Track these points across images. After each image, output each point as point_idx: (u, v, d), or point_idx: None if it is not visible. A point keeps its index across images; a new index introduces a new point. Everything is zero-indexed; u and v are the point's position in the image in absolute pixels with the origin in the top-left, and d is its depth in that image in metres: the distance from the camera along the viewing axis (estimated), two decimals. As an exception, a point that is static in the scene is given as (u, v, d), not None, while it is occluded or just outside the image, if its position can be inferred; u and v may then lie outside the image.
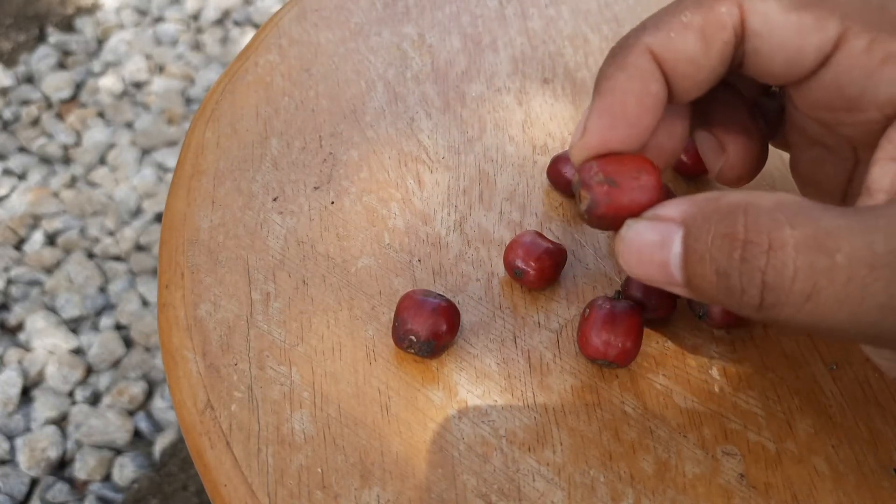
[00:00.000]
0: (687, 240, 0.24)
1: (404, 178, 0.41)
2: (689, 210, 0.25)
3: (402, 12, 0.49)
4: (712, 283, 0.24)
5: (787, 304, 0.23)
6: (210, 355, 0.34)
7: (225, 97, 0.45)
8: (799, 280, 0.22)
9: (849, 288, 0.22)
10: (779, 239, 0.22)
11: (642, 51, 0.27)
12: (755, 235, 0.22)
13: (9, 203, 1.27)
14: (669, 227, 0.25)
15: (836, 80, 0.27)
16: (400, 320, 0.33)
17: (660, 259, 0.25)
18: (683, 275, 0.25)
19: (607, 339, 0.32)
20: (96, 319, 1.14)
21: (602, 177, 0.27)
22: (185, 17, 1.56)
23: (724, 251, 0.23)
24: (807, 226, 0.22)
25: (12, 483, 0.99)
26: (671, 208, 0.25)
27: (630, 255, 0.26)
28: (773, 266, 0.22)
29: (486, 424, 0.32)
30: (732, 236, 0.23)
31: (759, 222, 0.23)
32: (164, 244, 0.39)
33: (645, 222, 0.26)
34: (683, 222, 0.24)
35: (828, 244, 0.22)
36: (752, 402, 0.33)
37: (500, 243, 0.38)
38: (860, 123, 0.27)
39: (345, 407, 0.33)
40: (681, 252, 0.24)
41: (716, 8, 0.27)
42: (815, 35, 0.26)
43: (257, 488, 0.31)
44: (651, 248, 0.25)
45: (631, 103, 0.27)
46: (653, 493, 0.31)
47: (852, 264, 0.22)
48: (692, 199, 0.25)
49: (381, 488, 0.31)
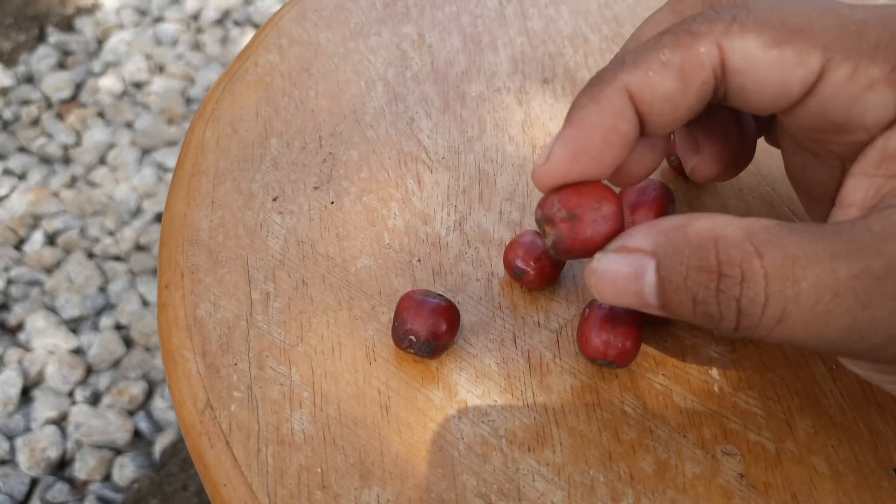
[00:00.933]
0: (660, 271, 0.25)
1: (404, 177, 0.41)
2: (659, 241, 0.25)
3: (401, 12, 0.49)
4: (689, 309, 0.25)
5: (760, 326, 0.24)
6: (210, 355, 0.34)
7: (225, 97, 0.45)
8: (770, 306, 0.23)
9: (815, 312, 0.23)
10: (750, 270, 0.23)
11: (618, 88, 0.27)
12: (728, 268, 0.24)
13: (9, 203, 1.27)
14: (641, 258, 0.26)
15: (822, 108, 0.27)
16: (400, 320, 0.33)
17: (634, 289, 0.26)
18: (660, 302, 0.26)
19: (607, 338, 0.32)
20: (96, 319, 1.14)
21: (564, 212, 0.28)
22: (185, 17, 1.56)
23: (700, 283, 0.24)
24: (775, 255, 0.23)
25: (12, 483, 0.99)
26: (639, 238, 0.26)
27: (603, 286, 0.27)
28: (746, 295, 0.23)
29: (485, 424, 0.32)
30: (707, 269, 0.24)
31: (731, 254, 0.24)
32: (164, 244, 0.39)
33: (614, 255, 0.27)
34: (654, 253, 0.25)
35: (795, 272, 0.23)
36: (752, 401, 0.33)
37: (500, 243, 0.38)
38: (848, 143, 0.27)
39: (344, 407, 0.33)
40: (655, 282, 0.25)
41: (694, 47, 0.27)
42: (797, 69, 0.26)
43: (257, 488, 0.31)
44: (625, 279, 0.26)
45: (597, 138, 0.28)
46: (652, 493, 0.31)
47: (817, 291, 0.23)
48: (657, 227, 0.26)
49: (380, 488, 0.31)
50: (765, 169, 0.40)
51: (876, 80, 0.26)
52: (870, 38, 0.26)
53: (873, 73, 0.26)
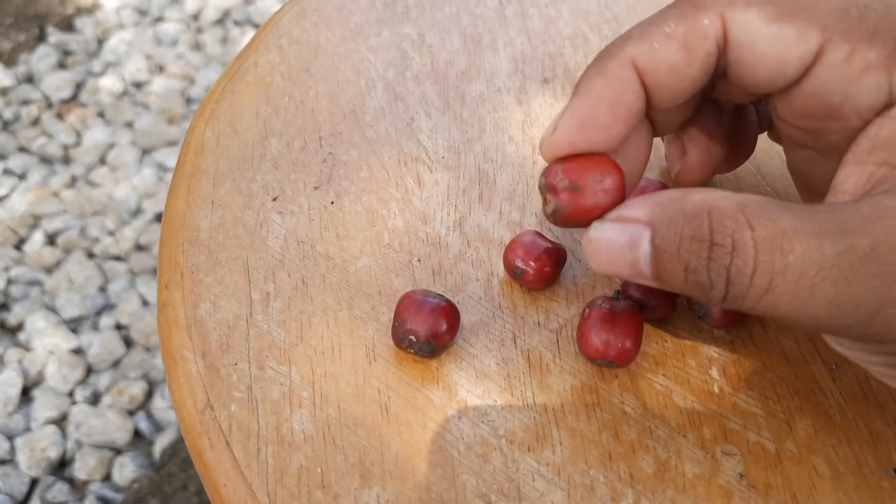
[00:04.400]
0: (655, 240, 0.25)
1: (404, 177, 0.41)
2: (655, 211, 0.26)
3: (401, 12, 0.49)
4: (681, 279, 0.25)
5: (747, 296, 0.24)
6: (210, 355, 0.34)
7: (225, 97, 0.45)
8: (758, 276, 0.24)
9: (800, 285, 0.23)
10: (741, 240, 0.24)
11: (624, 60, 0.28)
12: (720, 238, 0.24)
13: (9, 203, 1.27)
14: (637, 227, 0.26)
15: (818, 90, 0.27)
16: (399, 320, 0.33)
17: (629, 258, 0.26)
18: (653, 270, 0.26)
19: (607, 338, 0.32)
20: (96, 319, 1.14)
21: (567, 182, 0.28)
22: (185, 17, 1.56)
23: (692, 252, 0.25)
24: (765, 228, 0.24)
25: (12, 483, 0.99)
26: (636, 209, 0.26)
27: (598, 255, 0.27)
28: (736, 264, 0.24)
29: (485, 424, 0.32)
30: (700, 238, 0.24)
31: (724, 224, 0.24)
32: (164, 244, 0.39)
33: (611, 224, 0.27)
34: (650, 223, 0.26)
35: (783, 245, 0.23)
36: (752, 401, 0.33)
37: (500, 243, 0.38)
38: (843, 131, 0.28)
39: (344, 407, 0.33)
40: (650, 251, 0.26)
41: (699, 19, 0.28)
42: (796, 46, 0.27)
43: (257, 488, 0.31)
44: (620, 248, 0.26)
45: (603, 109, 0.28)
46: (652, 493, 0.31)
47: (804, 265, 0.23)
48: (655, 199, 0.26)
49: (380, 488, 0.31)
50: (764, 168, 0.40)
51: (872, 64, 0.26)
52: (870, 23, 0.26)
53: (870, 57, 0.26)
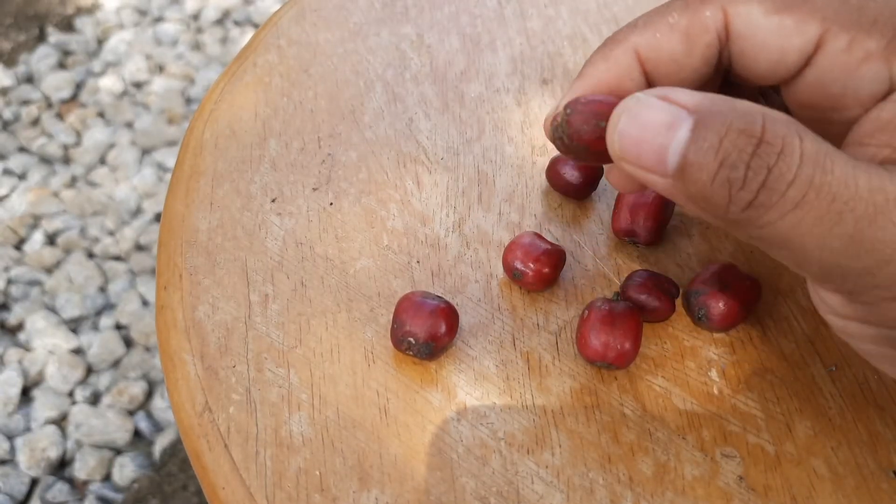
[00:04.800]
0: (697, 127, 0.24)
1: (403, 179, 0.41)
2: (704, 101, 0.24)
3: (400, 13, 0.49)
4: (710, 173, 0.24)
5: (775, 206, 0.23)
6: (208, 357, 0.34)
7: (223, 98, 0.45)
8: (794, 187, 0.23)
9: (831, 208, 0.23)
10: (790, 145, 0.23)
11: (627, 48, 0.29)
12: (772, 137, 0.23)
13: (9, 203, 1.26)
14: (680, 112, 0.24)
15: (820, 80, 0.28)
16: (398, 322, 0.33)
17: (661, 141, 0.25)
18: (680, 161, 0.24)
19: (606, 340, 0.32)
20: (96, 319, 1.14)
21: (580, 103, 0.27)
22: (185, 17, 1.56)
23: (738, 144, 0.23)
24: (814, 143, 0.23)
25: (12, 483, 0.99)
26: (683, 95, 0.25)
27: (630, 130, 0.25)
28: (779, 167, 0.23)
29: (484, 427, 0.32)
30: (750, 132, 0.23)
31: (776, 127, 0.23)
32: (163, 246, 0.39)
33: (655, 100, 0.25)
34: (697, 111, 0.24)
35: (826, 163, 0.23)
36: (752, 403, 0.33)
37: (499, 244, 0.38)
38: (845, 121, 0.28)
39: (343, 409, 0.33)
40: (687, 137, 0.24)
41: (700, 11, 0.28)
42: (796, 36, 0.27)
43: (255, 491, 0.31)
44: (656, 127, 0.25)
45: (603, 93, 0.29)
46: (652, 496, 0.30)
47: (838, 188, 0.23)
48: (704, 94, 0.25)
49: (379, 491, 0.31)
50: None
51: (871, 53, 0.26)
52: (869, 13, 0.26)
53: (869, 46, 0.26)
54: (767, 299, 0.36)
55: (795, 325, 0.35)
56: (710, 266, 0.35)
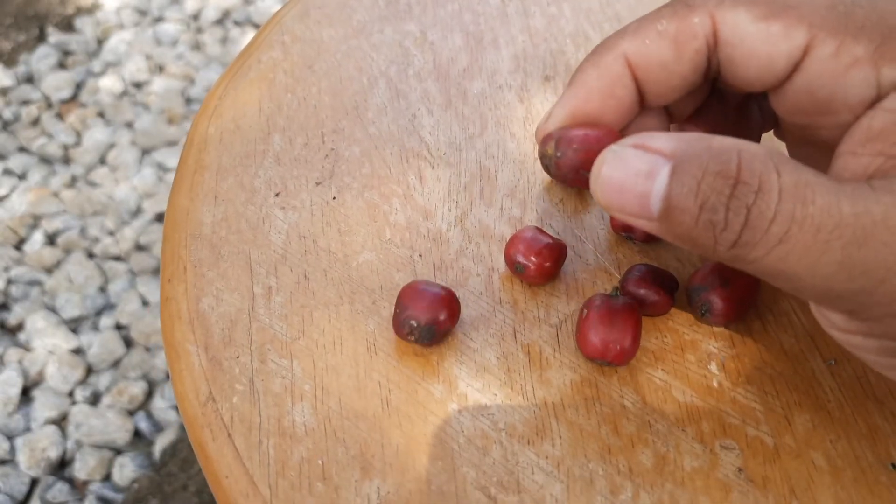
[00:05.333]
0: (675, 173, 0.25)
1: (406, 174, 0.41)
2: (680, 145, 0.25)
3: (404, 10, 0.49)
4: (693, 217, 0.24)
5: (760, 244, 0.24)
6: (212, 348, 0.35)
7: (228, 93, 0.45)
8: (776, 223, 0.23)
9: (816, 239, 0.23)
10: (767, 182, 0.24)
11: (618, 55, 0.29)
12: (747, 176, 0.24)
13: (9, 203, 1.27)
14: (658, 159, 0.25)
15: (808, 86, 0.28)
16: (401, 307, 0.33)
17: (641, 189, 0.25)
18: (662, 206, 0.25)
19: (606, 339, 0.32)
20: (96, 319, 1.14)
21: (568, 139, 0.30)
22: (185, 17, 1.56)
23: (714, 188, 0.24)
24: (792, 175, 0.24)
25: (12, 483, 0.99)
26: (660, 141, 0.25)
27: (610, 182, 0.26)
28: (758, 206, 0.24)
29: (485, 418, 0.33)
30: (726, 174, 0.24)
31: (753, 165, 0.24)
32: (167, 239, 0.39)
33: (632, 150, 0.26)
34: (673, 156, 0.25)
35: (806, 195, 0.23)
36: (751, 396, 0.33)
37: (501, 239, 0.38)
38: (834, 127, 0.28)
39: (345, 400, 0.33)
40: (666, 183, 0.25)
41: (689, 18, 0.28)
42: (783, 43, 0.27)
43: (258, 480, 0.31)
44: (635, 177, 0.25)
45: (594, 101, 0.29)
46: (651, 487, 0.31)
47: (822, 218, 0.23)
48: (679, 136, 0.25)
49: (381, 480, 0.31)
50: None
51: (859, 59, 0.26)
52: (857, 19, 0.27)
53: (857, 52, 0.26)
54: (767, 293, 0.36)
55: (795, 319, 0.35)
56: (710, 261, 0.35)
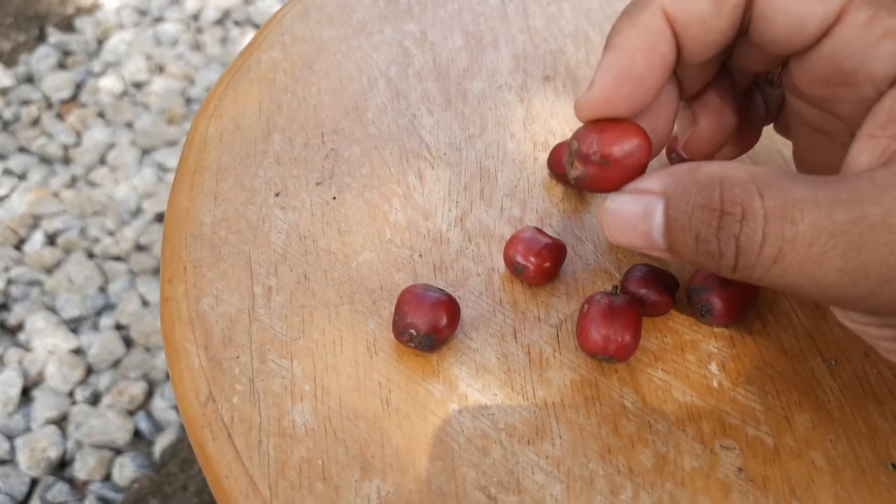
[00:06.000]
0: (668, 210, 0.26)
1: (406, 174, 0.41)
2: (669, 182, 0.26)
3: (404, 10, 0.49)
4: (692, 248, 0.26)
5: (757, 265, 0.25)
6: (212, 348, 0.35)
7: (228, 93, 0.45)
8: (767, 245, 0.24)
9: (810, 253, 0.24)
10: (750, 209, 0.24)
11: (655, 10, 0.28)
12: (730, 206, 0.24)
13: (9, 203, 1.27)
14: (651, 199, 0.26)
15: (836, 53, 0.27)
16: (400, 314, 0.33)
17: (643, 229, 0.27)
18: (665, 242, 0.26)
19: (606, 333, 0.32)
20: (96, 319, 1.14)
21: (599, 156, 0.28)
22: (185, 17, 1.56)
23: (703, 220, 0.25)
24: (776, 197, 0.24)
25: (12, 483, 0.99)
26: (652, 182, 0.27)
27: (615, 225, 0.28)
28: (745, 233, 0.24)
29: (485, 418, 0.33)
30: (710, 206, 0.25)
31: (734, 193, 0.24)
32: (167, 239, 0.39)
33: (628, 195, 0.27)
34: (664, 194, 0.26)
35: (794, 214, 0.24)
36: (751, 396, 0.33)
37: (501, 239, 0.38)
38: (856, 100, 0.28)
39: (346, 400, 0.33)
40: (663, 221, 0.26)
41: None
42: (819, 4, 0.27)
43: (258, 480, 0.31)
44: (634, 218, 0.27)
45: (639, 61, 0.28)
46: (651, 487, 0.31)
47: (814, 232, 0.23)
48: (671, 171, 0.26)
49: (381, 480, 0.31)
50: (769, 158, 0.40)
51: (891, 31, 0.26)
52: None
53: (890, 24, 0.26)
54: (767, 293, 0.36)
55: (795, 319, 0.35)
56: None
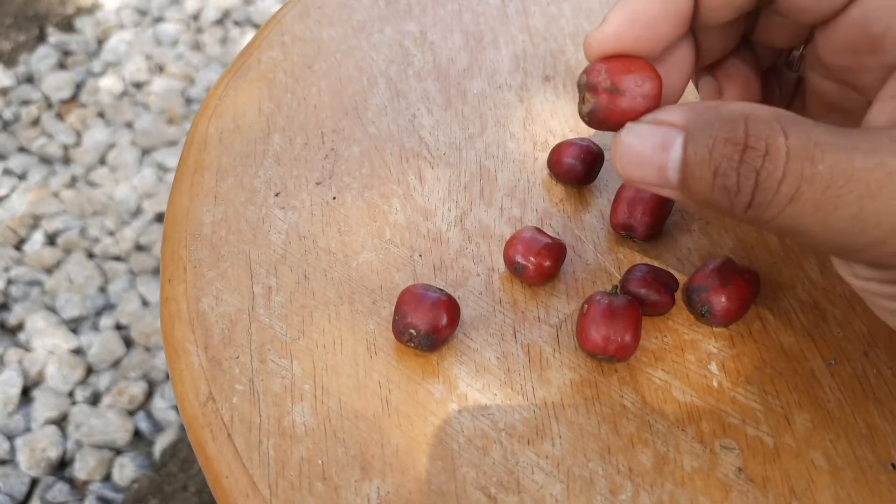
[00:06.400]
0: (688, 143, 0.25)
1: (406, 174, 0.41)
2: (691, 116, 0.26)
3: (404, 10, 0.49)
4: (708, 183, 0.25)
5: (772, 204, 0.24)
6: (212, 348, 0.35)
7: (228, 93, 0.45)
8: (786, 183, 0.24)
9: (826, 195, 0.24)
10: (774, 145, 0.24)
11: None
12: (754, 141, 0.24)
13: (9, 203, 1.27)
14: (670, 130, 0.26)
15: (863, 18, 0.27)
16: (400, 314, 0.33)
17: (658, 161, 0.26)
18: (680, 176, 0.26)
19: (606, 333, 0.32)
20: (96, 319, 1.14)
21: (608, 83, 0.28)
22: (185, 17, 1.56)
23: (724, 154, 0.25)
24: (799, 136, 0.24)
25: (12, 483, 0.99)
26: (673, 113, 0.26)
27: (629, 157, 0.27)
28: (767, 168, 0.24)
29: (485, 418, 0.33)
30: (734, 140, 0.24)
31: (759, 129, 0.24)
32: (167, 239, 0.39)
33: (646, 125, 0.27)
34: (685, 127, 0.26)
35: (814, 154, 0.24)
36: (751, 396, 0.33)
37: (501, 239, 0.38)
38: (880, 69, 0.28)
39: (345, 400, 0.33)
40: (681, 154, 0.26)
41: None
42: None
43: (258, 480, 0.31)
44: (651, 150, 0.26)
45: (654, 4, 0.28)
46: (651, 487, 0.31)
47: (832, 174, 0.23)
48: (692, 106, 0.26)
49: (381, 480, 0.31)
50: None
51: None
52: None
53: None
54: (767, 293, 0.36)
55: (795, 319, 0.35)
56: (710, 261, 0.35)
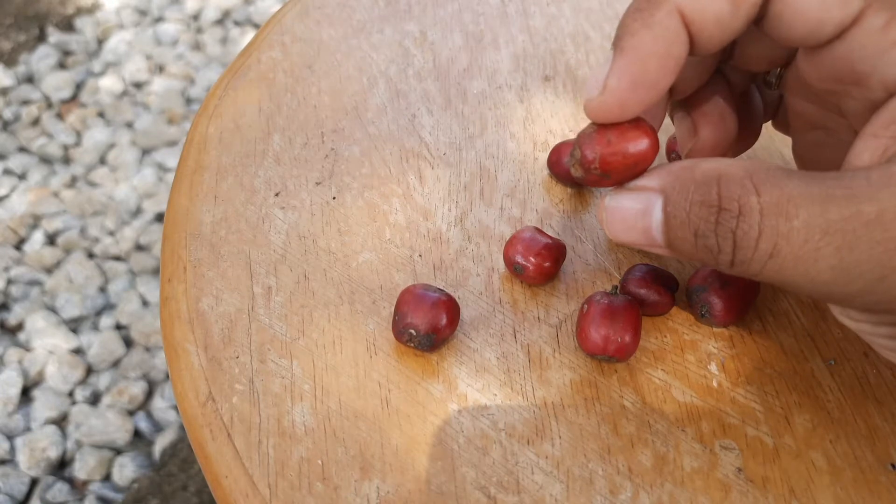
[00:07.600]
0: (667, 207, 0.26)
1: (406, 174, 0.41)
2: (667, 180, 0.26)
3: (404, 10, 0.49)
4: (691, 244, 0.26)
5: (753, 260, 0.25)
6: (212, 348, 0.35)
7: (227, 93, 0.45)
8: (763, 240, 0.24)
9: (804, 249, 0.24)
10: (747, 205, 0.24)
11: (670, 10, 0.27)
12: (727, 203, 0.25)
13: (9, 203, 1.27)
14: (650, 196, 0.27)
15: (849, 55, 0.27)
16: (400, 314, 0.33)
17: (642, 225, 0.27)
18: (665, 238, 0.27)
19: (606, 334, 0.32)
20: (96, 319, 1.14)
21: (599, 172, 0.28)
22: (185, 17, 1.56)
23: (701, 217, 0.25)
24: (772, 192, 0.24)
25: (12, 483, 0.99)
26: (651, 179, 0.27)
27: (614, 222, 0.28)
28: (742, 228, 0.24)
29: (485, 418, 0.33)
30: (709, 203, 0.25)
31: (731, 190, 0.25)
32: (167, 239, 0.39)
33: (626, 193, 0.28)
34: (663, 191, 0.26)
35: (789, 210, 0.24)
36: (751, 396, 0.33)
37: (501, 239, 0.38)
38: (864, 100, 0.28)
39: (345, 400, 0.33)
40: (661, 218, 0.26)
41: None
42: (837, 8, 0.26)
43: (258, 480, 0.31)
44: (634, 215, 0.27)
45: (653, 66, 0.27)
46: (651, 487, 0.31)
47: (808, 229, 0.24)
48: (669, 168, 0.27)
49: (380, 480, 0.31)
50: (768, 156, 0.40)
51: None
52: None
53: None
54: (767, 294, 0.36)
55: (795, 319, 0.35)
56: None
